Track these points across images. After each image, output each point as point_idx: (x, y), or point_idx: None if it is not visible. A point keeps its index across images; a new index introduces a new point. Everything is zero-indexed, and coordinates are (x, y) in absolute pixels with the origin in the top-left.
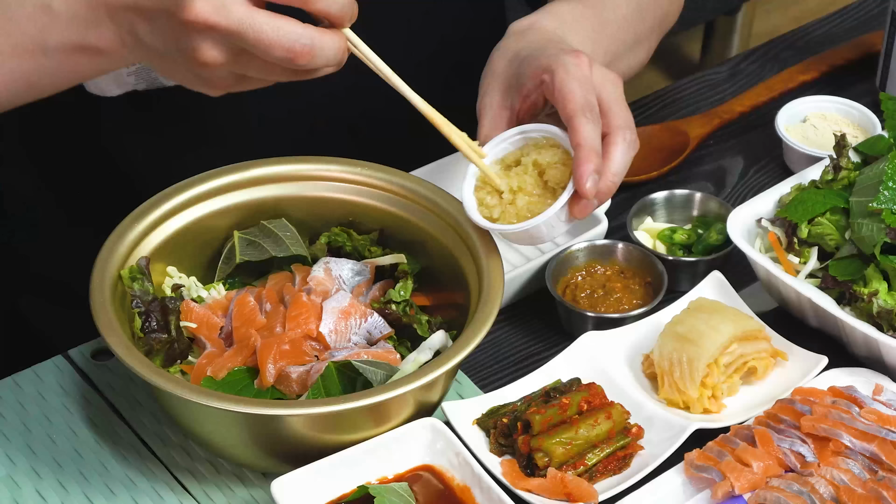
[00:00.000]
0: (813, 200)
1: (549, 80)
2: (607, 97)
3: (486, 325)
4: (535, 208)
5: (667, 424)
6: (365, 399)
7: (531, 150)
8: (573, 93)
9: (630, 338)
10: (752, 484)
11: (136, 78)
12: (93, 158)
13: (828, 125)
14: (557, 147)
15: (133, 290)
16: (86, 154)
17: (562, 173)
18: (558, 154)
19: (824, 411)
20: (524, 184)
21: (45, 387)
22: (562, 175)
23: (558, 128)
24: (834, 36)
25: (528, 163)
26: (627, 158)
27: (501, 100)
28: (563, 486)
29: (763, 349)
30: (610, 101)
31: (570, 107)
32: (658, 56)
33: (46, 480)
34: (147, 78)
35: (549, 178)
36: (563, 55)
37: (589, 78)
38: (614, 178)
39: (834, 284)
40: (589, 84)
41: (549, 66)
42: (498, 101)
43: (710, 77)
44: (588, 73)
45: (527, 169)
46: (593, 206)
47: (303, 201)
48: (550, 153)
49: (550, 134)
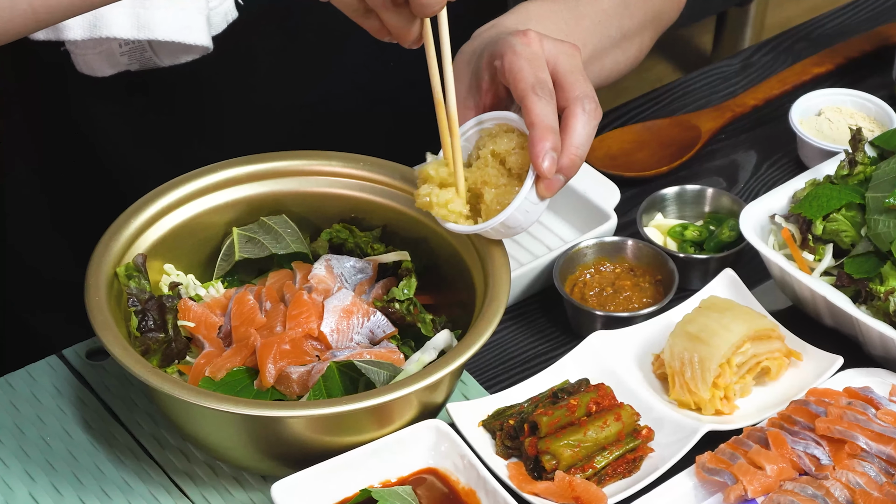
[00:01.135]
0: (828, 196)
1: (500, 65)
2: (562, 69)
3: (492, 324)
4: (504, 199)
5: (678, 426)
6: (367, 400)
7: (487, 141)
8: (522, 71)
9: (640, 337)
10: (766, 487)
11: (129, 58)
12: (84, 153)
13: (843, 119)
14: (513, 132)
15: (129, 288)
16: (76, 149)
17: (523, 157)
18: (515, 139)
19: (839, 413)
20: (488, 177)
21: (38, 387)
22: (523, 159)
23: (516, 113)
24: (848, 27)
25: (485, 154)
26: (590, 129)
27: (464, 100)
28: (572, 489)
29: (776, 349)
30: (565, 73)
31: (520, 86)
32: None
33: (40, 483)
34: (140, 58)
35: (511, 164)
36: (510, 37)
37: (538, 54)
38: (577, 151)
39: (849, 282)
40: (539, 60)
41: (498, 51)
42: (460, 101)
43: (722, 70)
44: (538, 49)
45: (486, 161)
46: (560, 182)
47: (304, 197)
48: (507, 139)
49: (505, 119)
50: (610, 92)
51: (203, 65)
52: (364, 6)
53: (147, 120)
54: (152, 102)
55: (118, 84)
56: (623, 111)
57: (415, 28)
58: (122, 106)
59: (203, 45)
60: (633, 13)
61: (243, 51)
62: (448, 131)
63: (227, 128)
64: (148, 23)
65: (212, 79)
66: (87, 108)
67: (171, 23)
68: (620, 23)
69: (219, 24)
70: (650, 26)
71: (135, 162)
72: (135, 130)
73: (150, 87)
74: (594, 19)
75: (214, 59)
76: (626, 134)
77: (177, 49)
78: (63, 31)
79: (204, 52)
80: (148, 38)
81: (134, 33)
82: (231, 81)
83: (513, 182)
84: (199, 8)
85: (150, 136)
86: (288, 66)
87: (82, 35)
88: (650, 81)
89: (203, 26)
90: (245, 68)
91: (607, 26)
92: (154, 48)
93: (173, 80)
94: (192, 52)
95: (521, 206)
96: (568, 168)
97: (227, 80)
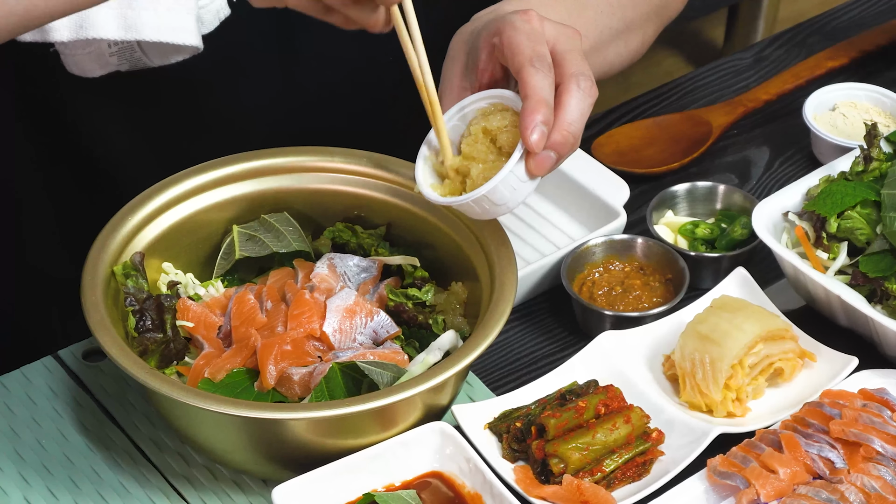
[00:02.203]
0: (842, 193)
1: (499, 42)
2: (560, 48)
3: (499, 324)
4: (490, 175)
5: (688, 429)
6: (371, 402)
7: (479, 119)
8: (520, 45)
9: (650, 338)
10: (779, 491)
11: (119, 59)
12: (78, 152)
13: (858, 114)
14: (507, 110)
15: (127, 288)
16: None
17: (514, 136)
18: (508, 117)
19: (854, 415)
20: (476, 152)
21: (33, 389)
22: (514, 137)
23: (512, 91)
24: (864, 20)
25: (476, 132)
26: (584, 106)
27: (459, 80)
28: (580, 493)
29: (790, 349)
30: (563, 52)
31: (517, 59)
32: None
33: (35, 487)
34: (130, 58)
35: (502, 143)
36: (510, 15)
37: (539, 31)
38: (570, 128)
39: (864, 281)
40: (539, 36)
41: (497, 28)
42: (456, 82)
43: (734, 63)
44: (538, 26)
45: (476, 138)
46: (551, 160)
47: (305, 194)
48: (499, 117)
49: (499, 98)
50: (619, 86)
51: (196, 63)
52: (323, 6)
53: (140, 120)
54: (144, 102)
55: (110, 84)
56: (632, 106)
57: (380, 16)
58: (114, 106)
59: (192, 46)
60: (636, 4)
61: (236, 48)
62: (432, 112)
63: (221, 126)
64: (135, 23)
65: (204, 77)
66: (79, 108)
67: (158, 23)
68: (623, 14)
69: (211, 23)
70: (654, 18)
71: (129, 162)
72: (128, 130)
73: (142, 87)
74: (597, 9)
75: (207, 56)
76: (635, 129)
77: (166, 49)
78: (49, 33)
79: (194, 52)
80: (135, 38)
81: (121, 34)
82: (224, 79)
83: (502, 161)
84: (189, 8)
85: (144, 136)
86: (283, 62)
87: (69, 36)
88: (660, 76)
89: (192, 26)
90: (238, 66)
91: (610, 17)
92: (143, 49)
93: (165, 80)
94: (182, 52)
95: (507, 180)
96: (560, 145)
97: (220, 78)
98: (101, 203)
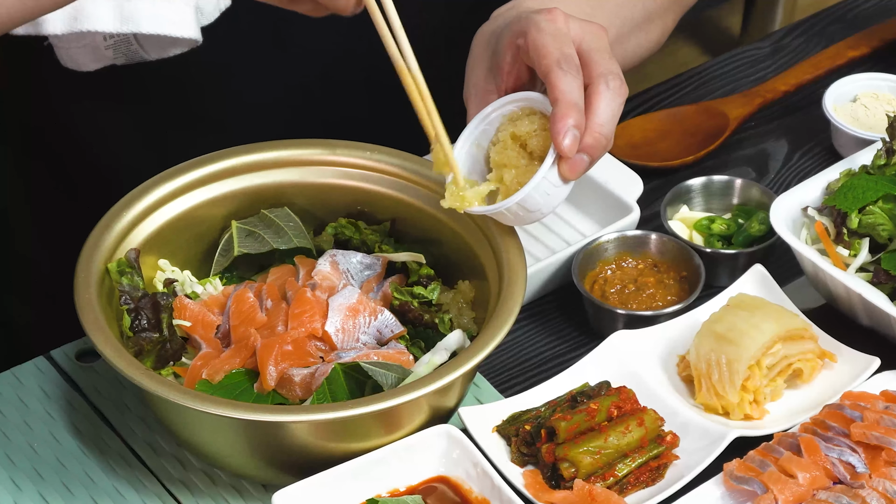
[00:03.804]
0: (864, 187)
1: (524, 43)
2: (587, 47)
3: (507, 323)
4: (524, 180)
5: (704, 432)
6: (374, 404)
7: (507, 125)
8: (546, 47)
9: (664, 337)
10: (798, 497)
11: (115, 52)
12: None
13: (880, 105)
14: (535, 114)
15: (121, 286)
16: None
17: (544, 139)
18: (536, 121)
19: (876, 417)
20: (507, 159)
21: (25, 391)
22: (544, 141)
23: (540, 93)
24: (886, 8)
25: (505, 138)
26: (615, 106)
27: (484, 83)
28: (591, 499)
29: (809, 350)
30: (590, 51)
31: (544, 62)
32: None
33: (26, 492)
34: (126, 52)
35: (533, 148)
36: (534, 15)
37: (564, 31)
38: (601, 130)
39: (887, 279)
40: (565, 37)
41: (522, 29)
42: (481, 85)
43: (751, 53)
44: (563, 26)
45: (506, 144)
46: (584, 163)
47: (307, 188)
48: (527, 122)
49: (527, 100)
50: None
51: (193, 56)
52: None
53: (136, 114)
54: (140, 96)
55: (105, 78)
56: (646, 97)
57: None
58: (109, 100)
59: (191, 38)
60: None
61: (235, 41)
62: (419, 97)
63: (219, 120)
64: (132, 15)
65: (203, 70)
66: (73, 102)
67: (156, 15)
68: (644, 4)
69: (211, 14)
70: (673, 7)
71: (124, 157)
72: (123, 125)
73: (138, 81)
74: (617, 1)
75: (205, 49)
76: (649, 122)
77: (164, 42)
78: (43, 26)
79: (193, 44)
80: (132, 31)
81: (117, 26)
82: (223, 72)
83: (534, 165)
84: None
85: (139, 130)
86: (282, 54)
87: (63, 29)
88: (675, 66)
89: (191, 19)
90: (238, 58)
91: (630, 8)
92: (140, 41)
93: (162, 73)
94: (180, 45)
95: (540, 185)
96: (592, 148)
97: (219, 70)
98: (96, 199)
